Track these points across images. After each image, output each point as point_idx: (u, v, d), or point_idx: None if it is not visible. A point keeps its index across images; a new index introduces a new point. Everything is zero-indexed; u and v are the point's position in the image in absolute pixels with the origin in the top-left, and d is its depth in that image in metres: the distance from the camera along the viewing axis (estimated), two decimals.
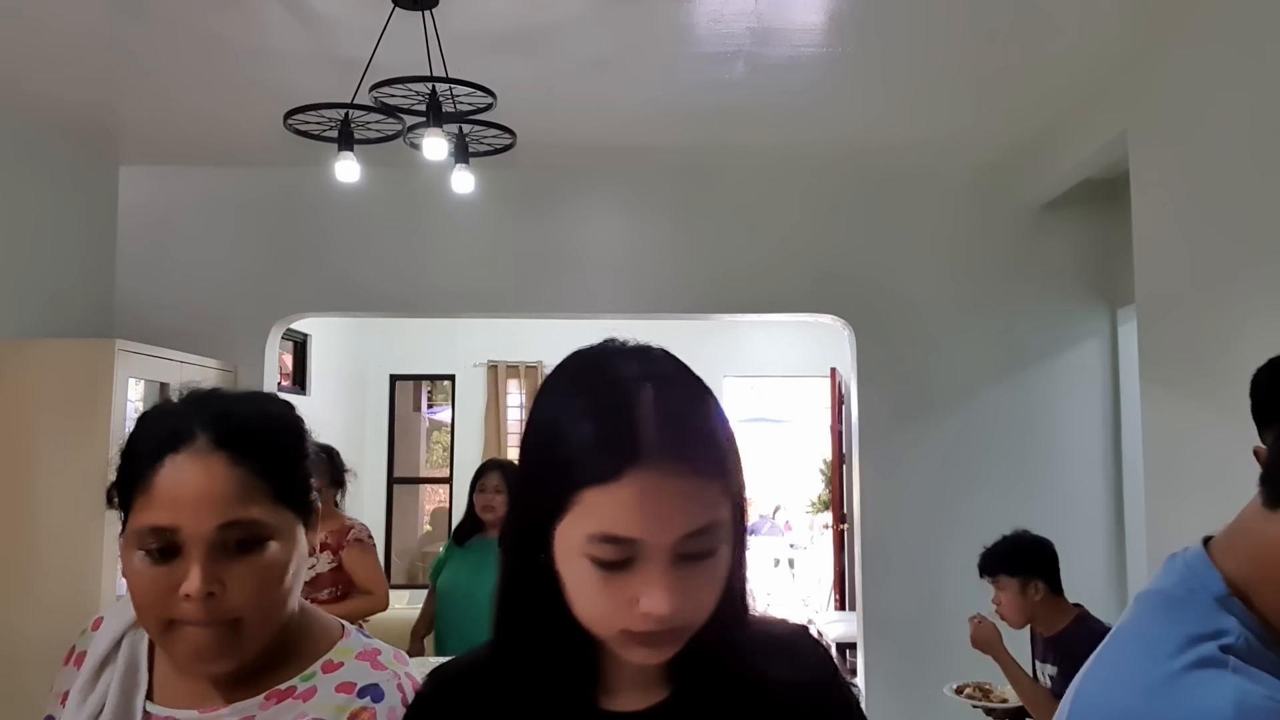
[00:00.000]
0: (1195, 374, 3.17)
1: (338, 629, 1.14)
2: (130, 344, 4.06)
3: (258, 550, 1.01)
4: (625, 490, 0.77)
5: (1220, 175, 3.00)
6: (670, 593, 0.78)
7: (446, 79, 2.89)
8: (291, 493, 1.06)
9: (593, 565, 0.79)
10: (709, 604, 0.82)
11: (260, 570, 1.01)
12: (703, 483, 0.79)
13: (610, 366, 0.85)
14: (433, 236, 4.82)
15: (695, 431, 0.81)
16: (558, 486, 0.80)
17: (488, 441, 7.93)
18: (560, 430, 0.82)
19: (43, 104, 4.00)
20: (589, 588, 0.80)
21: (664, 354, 0.87)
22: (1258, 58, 2.80)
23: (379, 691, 1.04)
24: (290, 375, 6.42)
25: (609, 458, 0.78)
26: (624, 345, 0.88)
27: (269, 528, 1.02)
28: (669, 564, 0.78)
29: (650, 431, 0.78)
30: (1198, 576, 0.92)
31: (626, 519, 0.77)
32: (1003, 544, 2.97)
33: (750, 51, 3.50)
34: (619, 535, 0.77)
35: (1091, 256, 4.74)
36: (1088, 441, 4.70)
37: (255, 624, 1.01)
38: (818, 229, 4.81)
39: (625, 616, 0.79)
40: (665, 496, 0.77)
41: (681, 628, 0.81)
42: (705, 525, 0.79)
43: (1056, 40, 3.40)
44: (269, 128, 3.72)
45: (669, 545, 0.78)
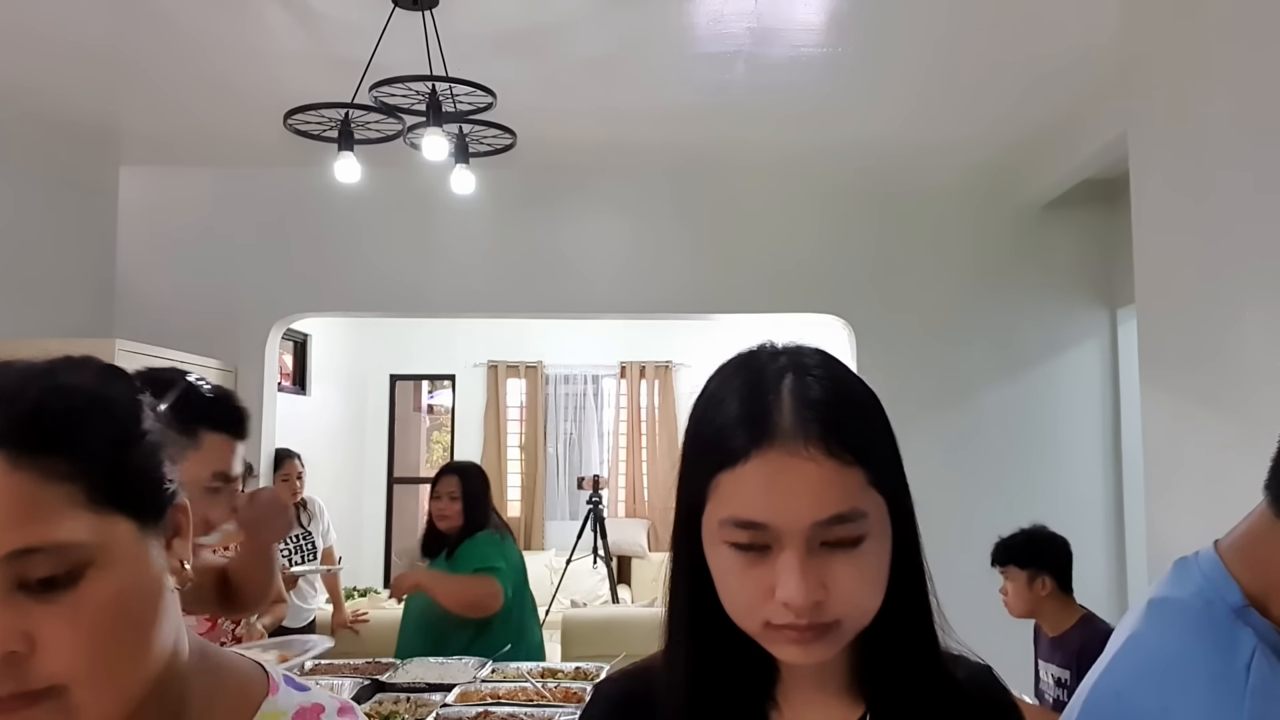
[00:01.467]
0: (1195, 374, 3.17)
1: (260, 681, 0.84)
2: (130, 344, 4.06)
3: (71, 585, 0.68)
4: (752, 472, 0.77)
5: (1220, 175, 3.00)
6: (804, 579, 0.75)
7: (446, 79, 2.89)
8: (120, 490, 0.72)
9: (731, 552, 0.78)
10: (860, 599, 0.78)
11: (84, 613, 0.68)
12: (837, 467, 0.76)
13: (755, 358, 0.84)
14: (433, 236, 4.82)
15: (832, 416, 0.78)
16: (700, 475, 0.80)
17: (487, 441, 7.94)
18: (701, 420, 0.83)
19: (43, 104, 4.01)
20: (729, 576, 0.79)
21: (816, 350, 0.85)
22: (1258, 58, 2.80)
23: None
24: (290, 375, 6.42)
25: (738, 440, 0.77)
26: (775, 343, 0.86)
27: (85, 549, 0.69)
28: (804, 550, 0.76)
29: (782, 415, 0.77)
30: (1215, 587, 0.91)
31: (754, 502, 0.76)
32: (1018, 536, 2.97)
33: (750, 51, 3.50)
34: (748, 519, 0.76)
35: (1091, 256, 4.74)
36: (1088, 441, 4.70)
37: (92, 692, 0.69)
38: (818, 229, 4.81)
39: (765, 607, 0.77)
40: (794, 479, 0.76)
41: (829, 624, 0.77)
42: (843, 512, 0.76)
43: (1056, 40, 3.41)
44: (269, 128, 3.72)
45: (802, 530, 0.75)
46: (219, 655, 0.85)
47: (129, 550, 0.72)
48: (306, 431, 6.05)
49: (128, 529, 0.72)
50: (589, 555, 6.52)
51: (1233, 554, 0.94)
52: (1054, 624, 2.89)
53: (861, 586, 0.78)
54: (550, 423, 8.12)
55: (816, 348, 0.85)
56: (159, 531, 0.76)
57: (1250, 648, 0.87)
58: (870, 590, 0.79)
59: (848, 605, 0.77)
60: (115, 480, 0.72)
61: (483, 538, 3.34)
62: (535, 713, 2.57)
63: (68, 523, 0.69)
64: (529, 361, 7.99)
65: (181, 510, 0.79)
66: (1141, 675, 0.94)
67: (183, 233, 4.84)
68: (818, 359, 0.83)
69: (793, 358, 0.83)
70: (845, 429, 0.77)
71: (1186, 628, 0.91)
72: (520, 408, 8.07)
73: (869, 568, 0.78)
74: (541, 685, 2.82)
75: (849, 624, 0.78)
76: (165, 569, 0.76)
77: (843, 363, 0.85)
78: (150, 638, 0.73)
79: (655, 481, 7.92)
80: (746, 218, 4.82)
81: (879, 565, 0.79)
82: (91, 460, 0.71)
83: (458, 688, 2.79)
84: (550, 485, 8.11)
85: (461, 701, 2.70)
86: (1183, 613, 0.93)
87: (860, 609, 0.79)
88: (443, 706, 2.63)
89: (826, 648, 0.79)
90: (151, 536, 0.75)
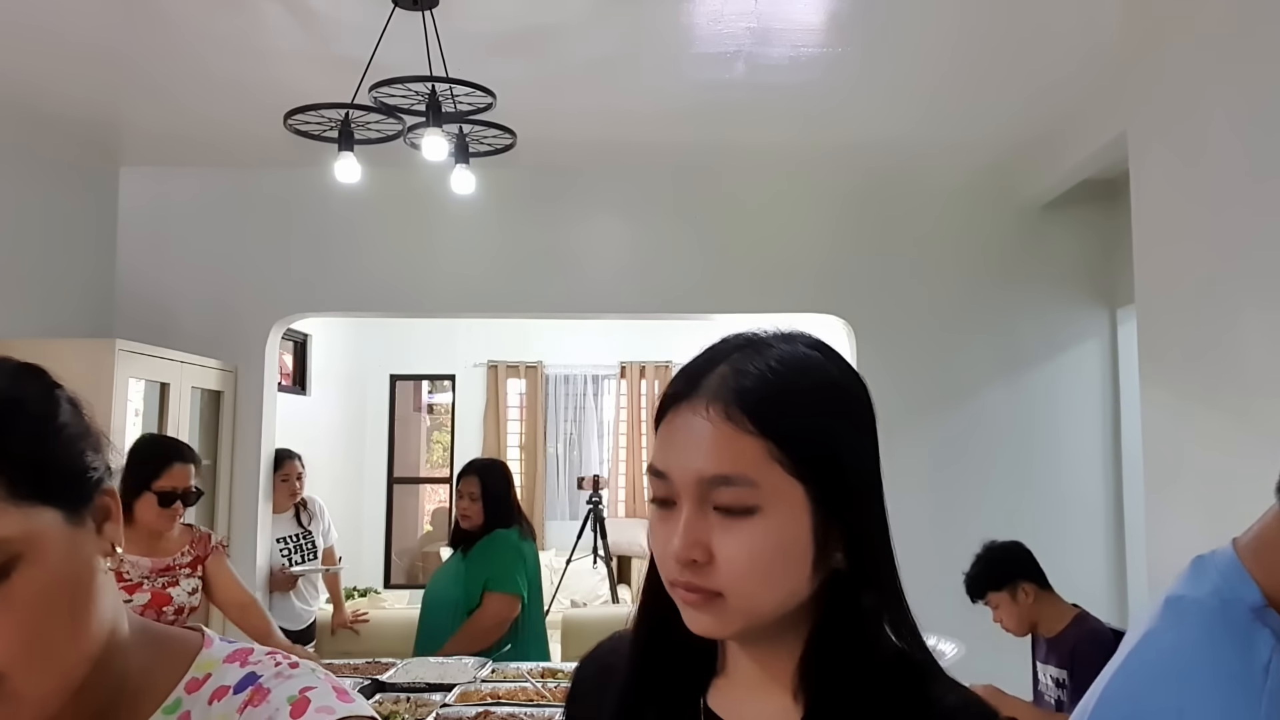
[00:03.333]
0: (1195, 374, 3.17)
1: (195, 640, 0.87)
2: (130, 344, 4.07)
3: (2, 580, 0.70)
4: (666, 426, 0.82)
5: (1220, 175, 3.00)
6: (686, 532, 0.77)
7: (446, 79, 2.89)
8: (41, 483, 0.74)
9: (651, 507, 0.82)
10: (743, 573, 0.77)
11: (16, 606, 0.70)
12: (733, 431, 0.77)
13: (739, 335, 0.86)
14: (433, 236, 4.82)
15: (749, 388, 0.78)
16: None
17: (487, 441, 7.94)
18: None
19: (43, 104, 4.01)
20: (651, 531, 0.83)
21: (803, 335, 0.85)
22: (1258, 58, 2.80)
23: (254, 676, 0.82)
24: (290, 375, 6.42)
25: (668, 399, 0.83)
26: (778, 328, 0.86)
27: (10, 544, 0.70)
28: (694, 505, 0.78)
29: (707, 380, 0.80)
30: (1232, 586, 0.90)
31: (661, 452, 0.81)
32: (977, 564, 2.97)
33: (750, 51, 3.50)
34: (655, 467, 0.81)
35: (1091, 256, 4.74)
36: (1088, 441, 4.70)
37: (30, 679, 0.71)
38: (818, 229, 4.81)
39: (670, 565, 0.80)
40: (689, 433, 0.79)
41: (713, 592, 0.78)
42: (728, 474, 0.77)
43: (1056, 40, 3.41)
44: (269, 128, 3.72)
45: (690, 484, 0.78)
46: (158, 628, 0.88)
47: (56, 540, 0.74)
48: (306, 431, 6.06)
49: (54, 519, 0.74)
50: (589, 555, 6.52)
51: (1249, 553, 0.93)
52: (1049, 626, 2.89)
53: (745, 559, 0.77)
54: (550, 423, 8.13)
55: (812, 338, 0.85)
56: (87, 517, 0.78)
57: (1269, 648, 0.86)
58: (755, 567, 0.77)
59: (730, 576, 0.77)
60: (35, 474, 0.73)
61: (501, 540, 3.42)
62: (535, 713, 2.57)
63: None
64: (529, 361, 7.99)
65: (109, 494, 0.80)
66: (1157, 674, 0.92)
67: (183, 233, 4.84)
68: (792, 344, 0.83)
69: (769, 339, 0.83)
70: (755, 400, 0.78)
71: (1203, 627, 0.90)
72: (520, 408, 8.07)
73: (756, 542, 0.77)
74: (541, 685, 2.82)
75: (734, 600, 0.78)
76: (96, 553, 0.78)
77: (828, 353, 0.84)
78: (85, 621, 0.76)
79: None
80: (746, 218, 4.82)
81: (771, 546, 0.77)
82: (7, 458, 0.72)
83: (458, 688, 2.80)
84: (550, 485, 8.12)
85: (461, 701, 2.70)
86: (1199, 612, 0.92)
87: (743, 586, 0.78)
88: (443, 707, 2.64)
89: (714, 620, 0.79)
90: (80, 523, 0.77)
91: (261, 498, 4.71)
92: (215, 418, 4.65)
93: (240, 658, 0.85)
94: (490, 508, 3.46)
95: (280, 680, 0.81)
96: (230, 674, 0.83)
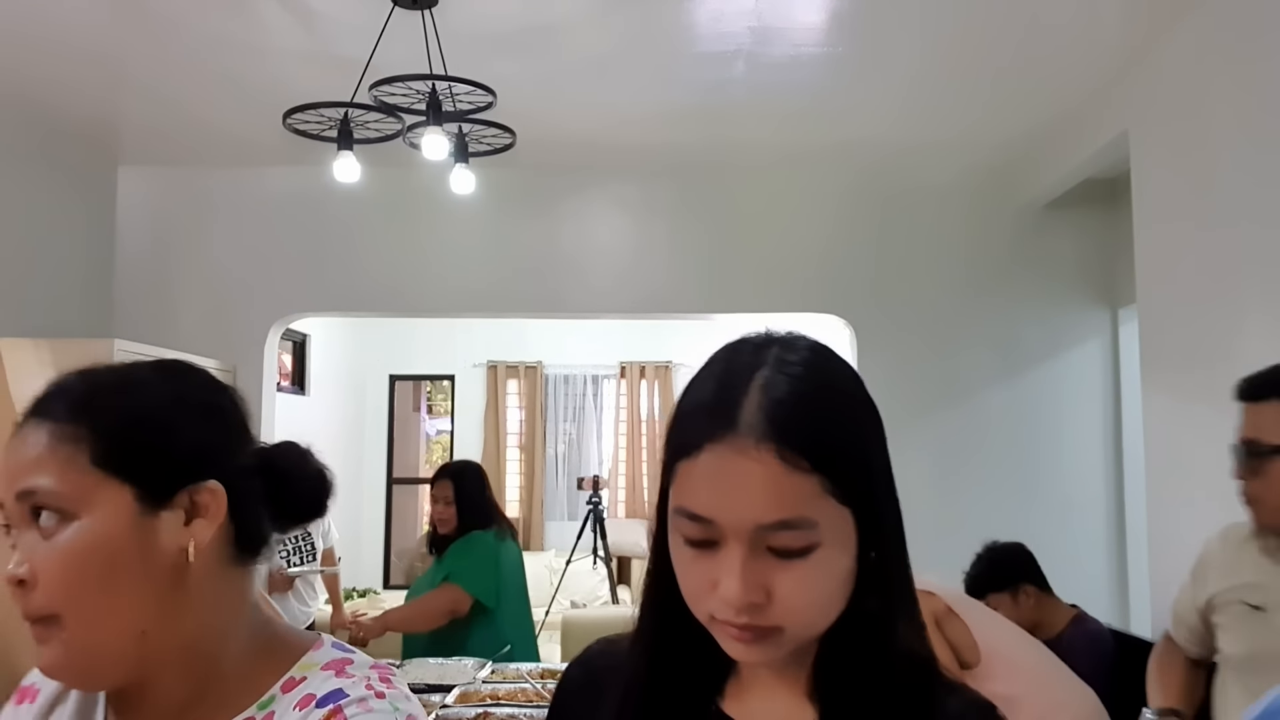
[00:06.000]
0: (1196, 374, 3.16)
1: (308, 641, 0.93)
2: (130, 344, 4.06)
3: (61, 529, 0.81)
4: (703, 465, 0.75)
5: (1220, 175, 2.99)
6: (743, 580, 0.73)
7: (446, 78, 2.88)
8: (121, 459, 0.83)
9: (682, 543, 0.77)
10: (802, 610, 0.76)
11: (60, 553, 0.80)
12: (787, 472, 0.73)
13: (740, 347, 0.81)
14: (433, 236, 4.82)
15: (793, 418, 0.74)
16: (667, 460, 0.79)
17: (487, 442, 7.93)
18: (678, 404, 0.82)
19: (43, 104, 4.00)
20: (679, 565, 0.79)
21: (811, 344, 0.81)
22: (1258, 58, 2.80)
23: (341, 694, 0.85)
24: (290, 375, 6.41)
25: (697, 430, 0.76)
26: (773, 333, 0.82)
27: (69, 500, 0.81)
28: (747, 551, 0.74)
29: (742, 410, 0.74)
30: None
31: (701, 496, 0.75)
32: (978, 564, 2.96)
33: (750, 51, 3.49)
34: (693, 511, 0.75)
35: (1091, 256, 4.74)
36: (1088, 441, 4.70)
37: (77, 627, 0.81)
38: (818, 229, 4.81)
39: (710, 600, 0.76)
40: (741, 478, 0.73)
41: (774, 627, 0.75)
42: (789, 519, 0.73)
43: (1056, 40, 3.40)
44: (269, 128, 3.71)
45: (745, 531, 0.73)
46: (280, 627, 0.94)
47: (116, 511, 0.82)
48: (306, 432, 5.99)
49: (123, 493, 0.83)
50: (589, 555, 6.52)
51: None
52: (1048, 628, 2.88)
53: (805, 597, 0.75)
54: (550, 423, 8.12)
55: (813, 342, 0.82)
56: (169, 506, 0.84)
57: None
58: (815, 602, 0.76)
59: (789, 615, 0.75)
60: (119, 451, 0.83)
61: (473, 541, 3.36)
62: (535, 713, 2.57)
63: (67, 476, 0.81)
64: (529, 361, 7.98)
65: (210, 494, 0.86)
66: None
67: (183, 233, 4.84)
68: (804, 355, 0.79)
69: (778, 351, 0.79)
70: (804, 433, 0.74)
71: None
72: (520, 408, 8.06)
73: (817, 579, 0.75)
74: (541, 685, 2.81)
75: (792, 632, 0.76)
76: (174, 542, 0.84)
77: (837, 361, 0.82)
78: (134, 595, 0.82)
79: (655, 482, 7.88)
80: (746, 218, 4.82)
81: (830, 577, 0.76)
82: (101, 430, 0.83)
83: (458, 688, 2.79)
84: (550, 485, 8.11)
85: (461, 702, 2.69)
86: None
87: (803, 619, 0.76)
88: (443, 707, 2.63)
89: (769, 649, 0.77)
90: (154, 508, 0.84)
91: None
92: None
93: (338, 666, 0.89)
94: (464, 511, 3.40)
95: (360, 712, 0.83)
96: (322, 683, 0.87)
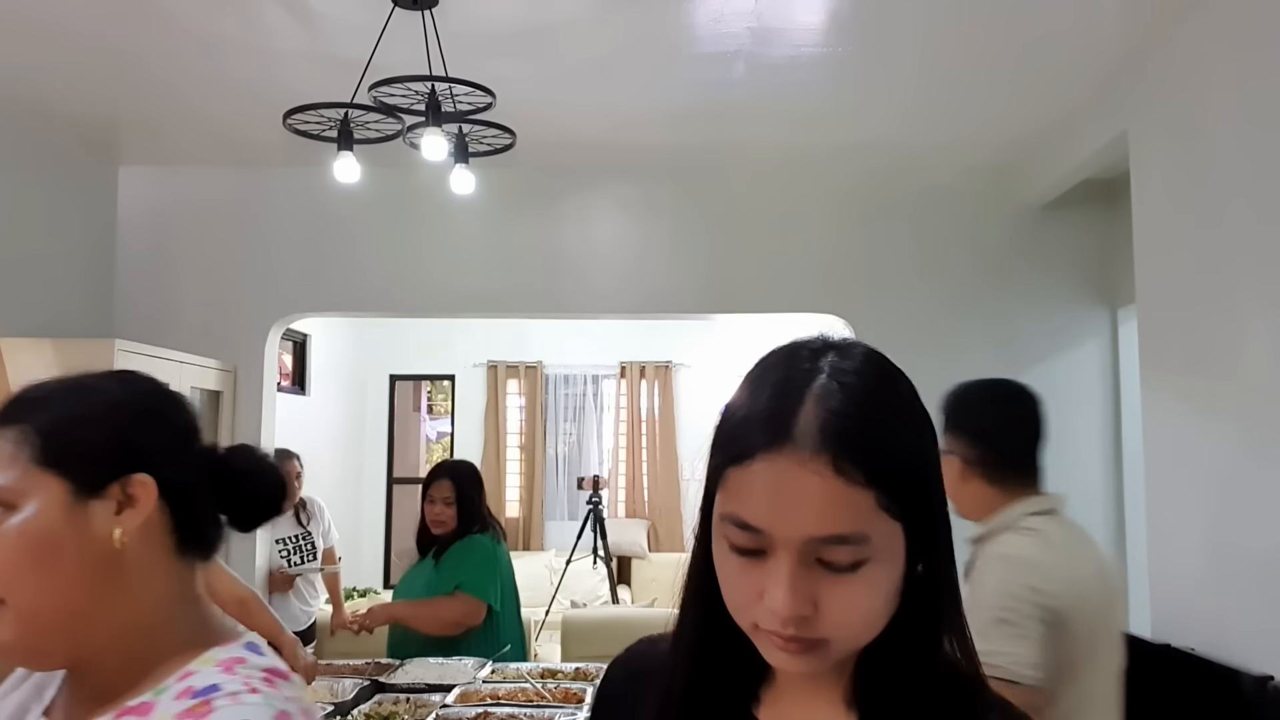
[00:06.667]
0: (1195, 374, 3.17)
1: (228, 637, 0.97)
2: (130, 344, 4.06)
3: (3, 519, 0.89)
4: (757, 474, 0.74)
5: (1220, 175, 2.99)
6: (792, 592, 0.72)
7: (446, 79, 2.88)
8: (56, 455, 0.91)
9: (729, 549, 0.76)
10: (851, 624, 0.75)
11: (5, 540, 0.88)
12: (844, 486, 0.72)
13: (796, 352, 0.80)
14: (433, 236, 4.82)
15: (850, 430, 0.73)
16: (715, 464, 0.78)
17: (487, 442, 7.93)
18: (728, 407, 0.80)
19: (43, 104, 4.01)
20: (725, 572, 0.78)
21: (866, 352, 0.80)
22: (1258, 58, 2.80)
23: (215, 688, 0.88)
24: (290, 375, 6.41)
25: (751, 438, 0.75)
26: (828, 338, 0.81)
27: (8, 491, 0.89)
28: (797, 562, 0.73)
29: (798, 420, 0.73)
30: None
31: (753, 505, 0.74)
32: None
33: (750, 51, 3.49)
34: (744, 520, 0.74)
35: (1091, 256, 4.74)
36: (1088, 441, 4.69)
37: (13, 610, 0.88)
38: (818, 229, 4.81)
39: (755, 609, 0.75)
40: (795, 490, 0.72)
41: (821, 640, 0.75)
42: (843, 534, 0.72)
43: (1056, 41, 3.40)
44: (269, 128, 3.71)
45: (797, 543, 0.73)
46: (216, 622, 0.98)
47: (50, 501, 0.90)
48: (306, 431, 6.05)
49: (58, 485, 0.90)
50: (589, 555, 6.52)
51: None
52: None
53: (854, 612, 0.75)
54: (550, 423, 8.12)
55: (869, 349, 0.80)
56: (101, 496, 0.91)
57: None
58: (864, 616, 0.75)
59: (837, 628, 0.75)
60: (56, 449, 0.91)
61: (475, 545, 3.29)
62: (535, 713, 2.57)
63: (10, 471, 0.90)
64: (529, 362, 7.98)
65: (141, 487, 0.92)
66: None
67: (183, 233, 4.84)
68: (859, 364, 0.78)
69: (834, 358, 0.78)
70: (861, 446, 0.73)
71: None
72: (520, 408, 8.06)
73: (866, 594, 0.74)
74: (541, 685, 2.82)
75: (839, 644, 0.76)
76: (106, 530, 0.90)
77: (893, 370, 0.80)
78: (69, 578, 0.89)
79: (655, 482, 7.92)
80: (746, 218, 4.82)
81: (879, 592, 0.75)
82: (36, 430, 0.91)
83: (458, 688, 2.79)
84: (550, 485, 8.11)
85: (461, 702, 2.69)
86: None
87: (851, 633, 0.76)
88: (443, 707, 2.63)
89: (814, 661, 0.76)
90: (88, 498, 0.91)
91: None
92: (214, 418, 4.65)
93: (228, 664, 0.91)
94: (464, 512, 3.30)
95: (229, 704, 0.86)
96: (206, 676, 0.90)
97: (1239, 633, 2.85)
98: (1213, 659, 2.84)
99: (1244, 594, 2.84)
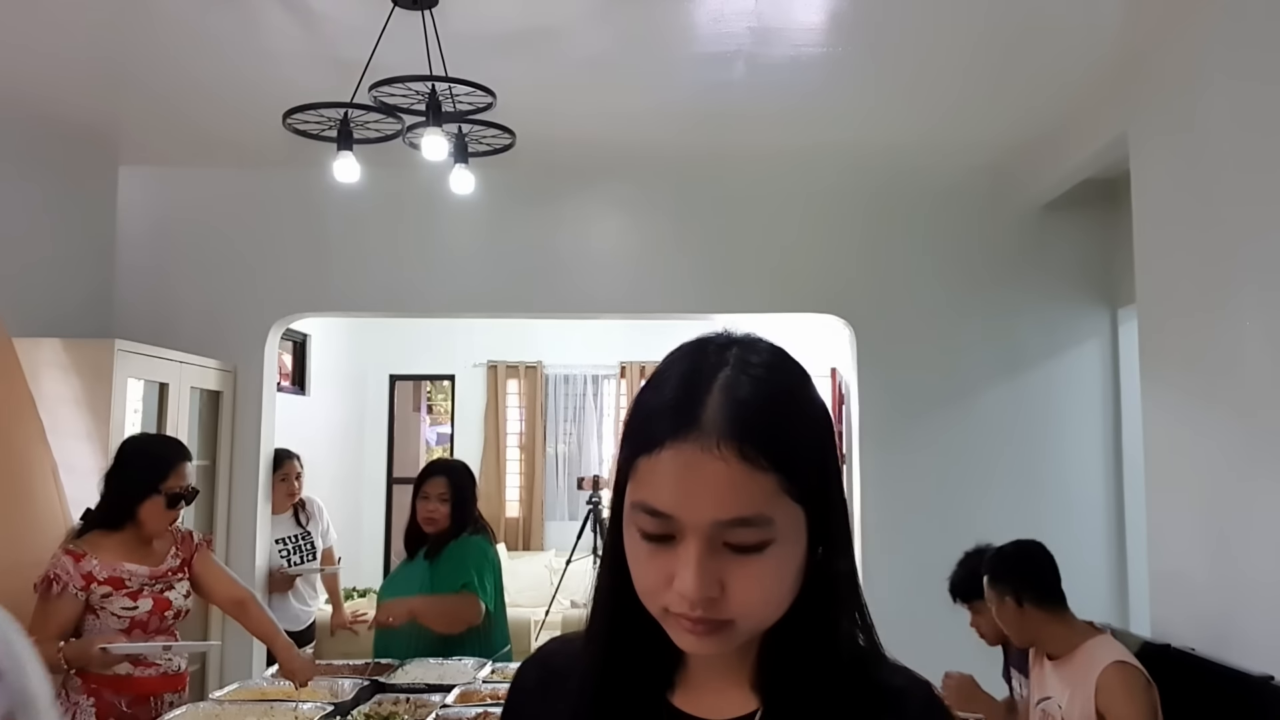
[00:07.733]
0: (1195, 374, 3.17)
1: None
2: (130, 344, 4.06)
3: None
4: (665, 462, 0.77)
5: (1220, 175, 2.99)
6: (700, 575, 0.76)
7: (446, 79, 2.88)
8: None
9: (639, 537, 0.79)
10: (757, 604, 0.79)
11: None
12: (748, 471, 0.75)
13: (702, 346, 0.84)
14: (433, 236, 4.82)
15: (755, 418, 0.77)
16: (626, 455, 0.81)
17: (487, 441, 7.94)
18: (637, 401, 0.83)
19: (43, 104, 4.00)
20: (635, 559, 0.81)
21: (770, 347, 0.84)
22: (1258, 58, 2.80)
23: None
24: (290, 375, 6.41)
25: (659, 428, 0.78)
26: (733, 333, 0.85)
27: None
28: (705, 546, 0.76)
29: (705, 409, 0.77)
30: None
31: (661, 491, 0.77)
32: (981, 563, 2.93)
33: (750, 51, 3.49)
34: (653, 507, 0.77)
35: (1091, 256, 4.74)
36: (1088, 441, 4.69)
37: None
38: (818, 229, 4.81)
39: (665, 594, 0.78)
40: (702, 476, 0.75)
41: (727, 621, 0.78)
42: (747, 516, 0.76)
43: (1056, 40, 3.40)
44: (268, 128, 3.71)
45: (704, 527, 0.76)
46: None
47: None
48: (306, 431, 6.05)
49: None
50: (589, 555, 6.52)
51: None
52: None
53: (759, 592, 0.78)
54: (550, 423, 8.12)
55: (772, 344, 0.84)
56: None
57: None
58: (768, 596, 0.79)
59: (743, 608, 0.78)
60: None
61: (475, 545, 3.29)
62: None
63: None
64: (529, 362, 7.98)
65: None
66: None
67: (183, 233, 4.83)
68: (765, 357, 0.82)
69: (739, 352, 0.82)
70: (765, 433, 0.76)
71: None
72: (520, 408, 8.07)
73: (770, 574, 0.78)
74: None
75: (744, 625, 0.79)
76: None
77: (794, 364, 0.84)
78: None
79: None
80: (746, 218, 4.82)
81: (783, 572, 0.79)
82: None
83: (458, 688, 2.79)
84: (550, 485, 8.11)
85: (461, 702, 2.69)
86: None
87: (756, 614, 0.79)
88: (443, 707, 2.63)
89: (720, 642, 0.79)
90: None
91: (260, 498, 4.70)
92: (214, 418, 4.65)
93: None
94: (458, 511, 3.28)
95: None
96: None
97: (1239, 632, 2.85)
98: (1213, 659, 2.84)
99: (1244, 594, 2.84)
